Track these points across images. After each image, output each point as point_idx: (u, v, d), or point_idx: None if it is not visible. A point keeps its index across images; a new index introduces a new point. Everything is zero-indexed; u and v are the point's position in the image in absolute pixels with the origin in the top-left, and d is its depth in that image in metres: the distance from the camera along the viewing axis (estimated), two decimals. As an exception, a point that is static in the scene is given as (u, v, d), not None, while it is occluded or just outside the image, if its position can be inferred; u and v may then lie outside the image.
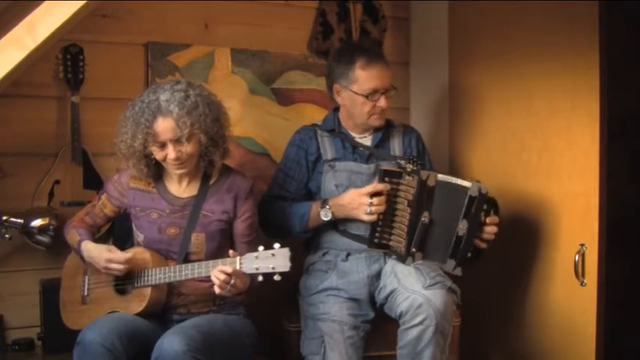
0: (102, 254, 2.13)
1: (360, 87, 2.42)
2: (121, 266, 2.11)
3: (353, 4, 3.09)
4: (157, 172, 2.23)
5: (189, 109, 2.08)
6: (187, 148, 2.11)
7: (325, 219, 2.36)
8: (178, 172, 2.19)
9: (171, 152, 2.10)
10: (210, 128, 2.13)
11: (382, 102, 2.43)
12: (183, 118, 2.06)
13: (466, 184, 2.31)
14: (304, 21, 3.03)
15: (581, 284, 2.33)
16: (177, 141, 2.09)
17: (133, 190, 2.24)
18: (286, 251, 1.98)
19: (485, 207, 2.32)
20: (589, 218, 2.33)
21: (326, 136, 2.53)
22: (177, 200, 2.22)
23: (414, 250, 2.31)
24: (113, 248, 2.16)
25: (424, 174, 2.30)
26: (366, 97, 2.41)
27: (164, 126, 2.07)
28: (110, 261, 2.11)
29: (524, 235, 2.54)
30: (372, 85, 2.41)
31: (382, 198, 2.27)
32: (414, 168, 2.33)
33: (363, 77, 2.41)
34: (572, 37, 2.36)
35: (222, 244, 2.21)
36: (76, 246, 2.21)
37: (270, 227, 2.45)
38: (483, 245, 2.36)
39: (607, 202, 2.32)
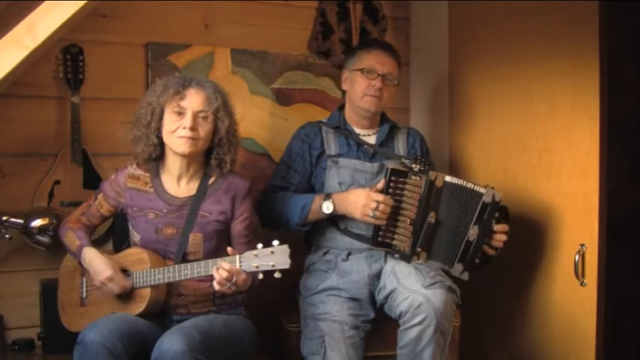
0: (104, 271, 2.11)
1: (360, 64, 2.53)
2: (117, 290, 2.11)
3: (353, 4, 3.09)
4: (155, 169, 2.23)
5: (220, 93, 2.19)
6: (204, 127, 2.14)
7: (327, 212, 2.35)
8: (182, 148, 2.14)
9: (187, 120, 2.12)
10: (229, 121, 2.19)
11: (377, 82, 2.48)
12: (215, 95, 2.17)
13: (481, 190, 2.32)
14: (304, 21, 3.03)
15: (581, 284, 2.33)
16: (198, 114, 2.13)
17: (130, 190, 2.24)
18: (285, 248, 1.98)
19: (497, 215, 2.34)
20: (589, 218, 2.33)
21: (330, 132, 2.54)
22: (174, 200, 2.22)
23: (419, 249, 2.31)
24: (116, 267, 2.13)
25: (432, 174, 2.32)
26: (362, 71, 2.49)
27: (196, 94, 2.15)
28: (111, 280, 2.11)
29: (524, 235, 2.54)
30: (370, 62, 2.51)
31: (387, 208, 2.28)
32: (422, 168, 2.33)
33: (364, 56, 2.54)
34: (572, 37, 2.36)
35: (220, 245, 2.20)
36: (75, 250, 2.20)
37: (268, 217, 2.45)
38: (491, 252, 2.37)
39: (607, 202, 2.32)
